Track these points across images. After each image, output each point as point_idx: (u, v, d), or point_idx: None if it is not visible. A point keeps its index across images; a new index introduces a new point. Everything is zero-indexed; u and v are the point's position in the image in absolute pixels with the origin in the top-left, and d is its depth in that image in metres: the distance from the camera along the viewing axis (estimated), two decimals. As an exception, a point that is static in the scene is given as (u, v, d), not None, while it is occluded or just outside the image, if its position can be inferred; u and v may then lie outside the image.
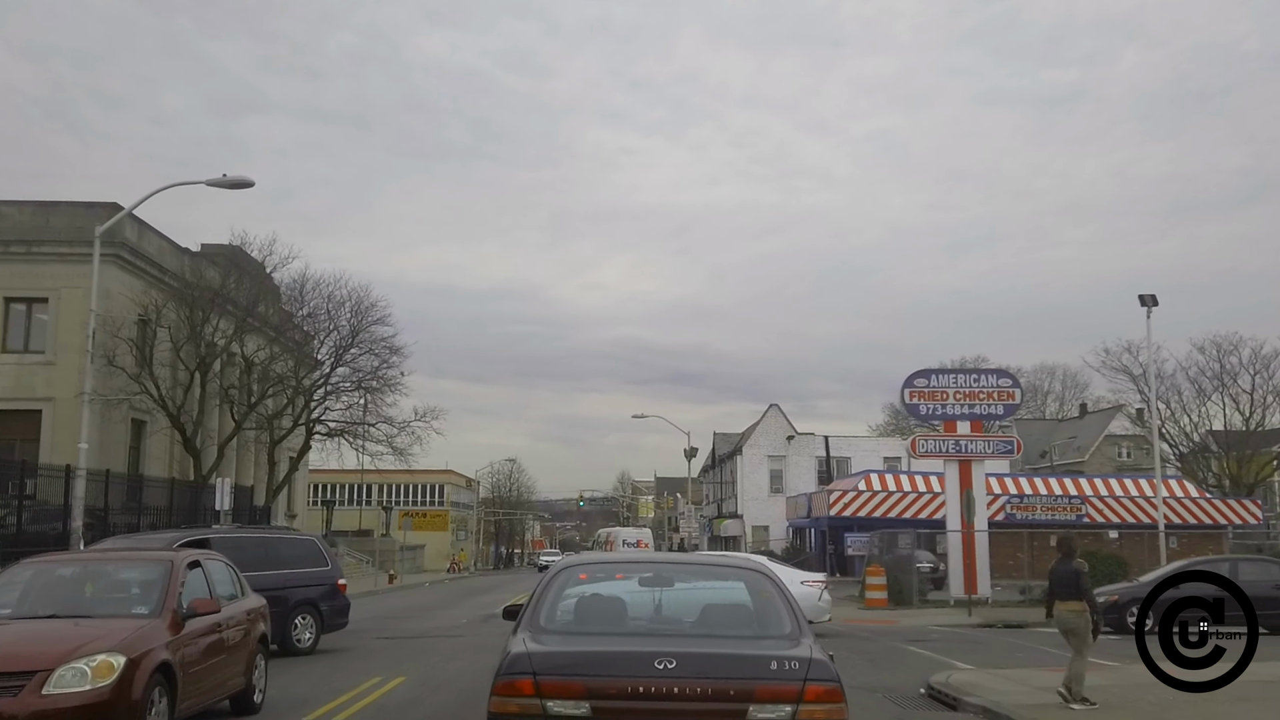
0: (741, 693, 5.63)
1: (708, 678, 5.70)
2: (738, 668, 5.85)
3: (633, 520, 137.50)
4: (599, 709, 5.63)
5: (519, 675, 5.79)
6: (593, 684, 5.70)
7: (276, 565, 16.64)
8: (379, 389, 52.60)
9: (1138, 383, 61.95)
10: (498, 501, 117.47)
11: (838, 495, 49.20)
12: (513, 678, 5.80)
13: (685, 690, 5.63)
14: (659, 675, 5.68)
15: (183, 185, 25.71)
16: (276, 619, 14.23)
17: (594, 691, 5.67)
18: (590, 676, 5.76)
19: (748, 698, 5.61)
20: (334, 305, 51.66)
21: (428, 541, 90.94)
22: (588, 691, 5.67)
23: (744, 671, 5.80)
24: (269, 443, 52.09)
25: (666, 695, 5.61)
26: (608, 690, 5.67)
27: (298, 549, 18.17)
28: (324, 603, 17.58)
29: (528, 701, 5.69)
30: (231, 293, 47.23)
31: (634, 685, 5.66)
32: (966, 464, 28.71)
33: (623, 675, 5.73)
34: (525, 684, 5.73)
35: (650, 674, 5.69)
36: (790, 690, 5.63)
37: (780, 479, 63.42)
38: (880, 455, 61.75)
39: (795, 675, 5.70)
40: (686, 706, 5.62)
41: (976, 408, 28.87)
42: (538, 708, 5.66)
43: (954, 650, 18.00)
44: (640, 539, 72.92)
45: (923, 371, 29.17)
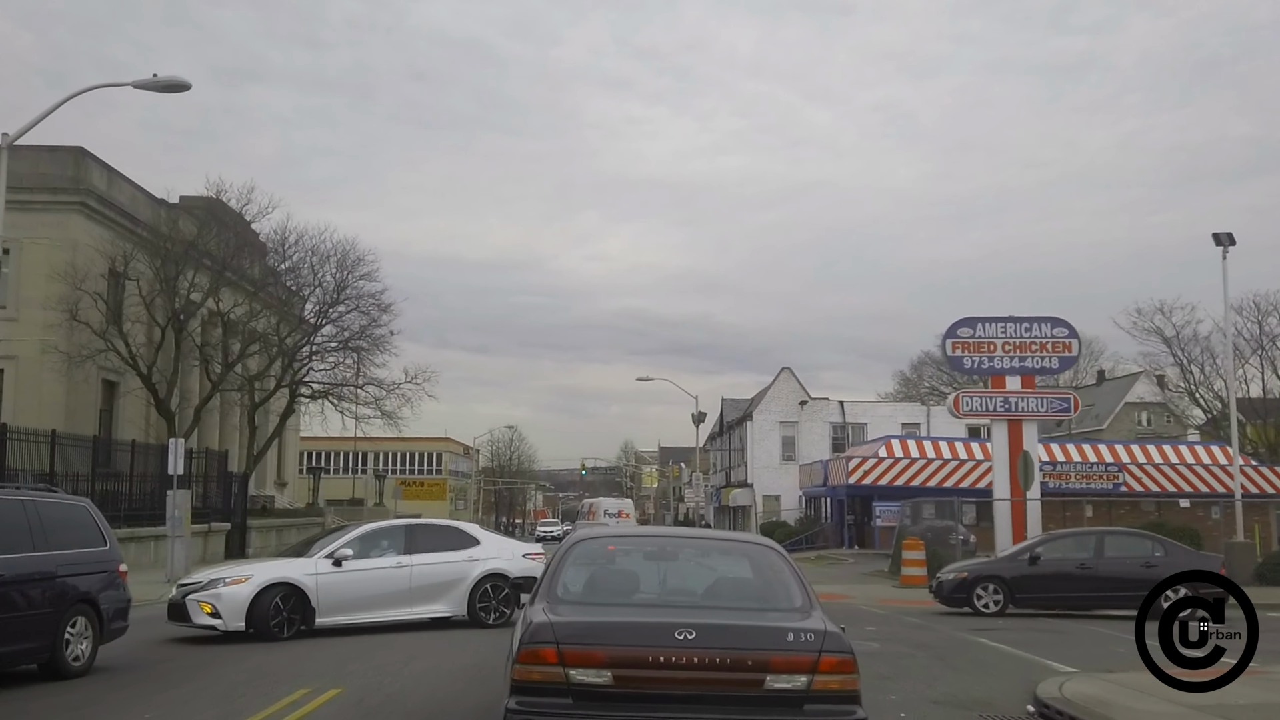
0: (759, 663, 5.78)
1: (726, 648, 5.82)
2: (755, 639, 5.96)
3: (636, 491, 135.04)
4: (621, 677, 5.75)
5: (543, 644, 5.85)
6: (614, 653, 5.81)
7: (32, 541, 11.08)
8: (367, 349, 49.39)
9: (1171, 345, 58.77)
10: (498, 471, 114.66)
11: (857, 463, 46.01)
12: (537, 646, 5.86)
13: (704, 660, 5.74)
14: (679, 645, 5.78)
15: (107, 87, 22.17)
16: (38, 624, 10.77)
17: (616, 660, 5.78)
18: (612, 646, 5.85)
19: (765, 668, 5.76)
20: (318, 259, 48.36)
21: (424, 511, 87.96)
22: (610, 660, 5.77)
23: (761, 643, 5.92)
24: (249, 405, 48.93)
25: (686, 665, 5.73)
26: (629, 659, 5.78)
27: (61, 517, 11.99)
28: (103, 599, 11.90)
29: (551, 669, 5.76)
30: (208, 245, 43.96)
31: (655, 654, 5.76)
32: (1016, 424, 25.41)
33: (644, 645, 5.84)
34: (549, 653, 5.81)
35: (670, 644, 5.79)
36: (806, 661, 5.78)
37: (792, 446, 60.18)
38: (898, 421, 58.57)
39: (811, 646, 5.84)
40: (705, 675, 5.74)
41: (1028, 360, 25.54)
42: (560, 676, 5.74)
43: (1035, 642, 14.79)
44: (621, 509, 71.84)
45: (967, 320, 25.84)
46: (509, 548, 16.93)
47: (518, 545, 17.53)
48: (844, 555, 42.50)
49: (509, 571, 15.72)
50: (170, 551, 25.75)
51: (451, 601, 15.45)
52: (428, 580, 15.31)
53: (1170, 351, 58.77)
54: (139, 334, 41.89)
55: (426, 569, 15.34)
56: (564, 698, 5.81)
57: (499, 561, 15.81)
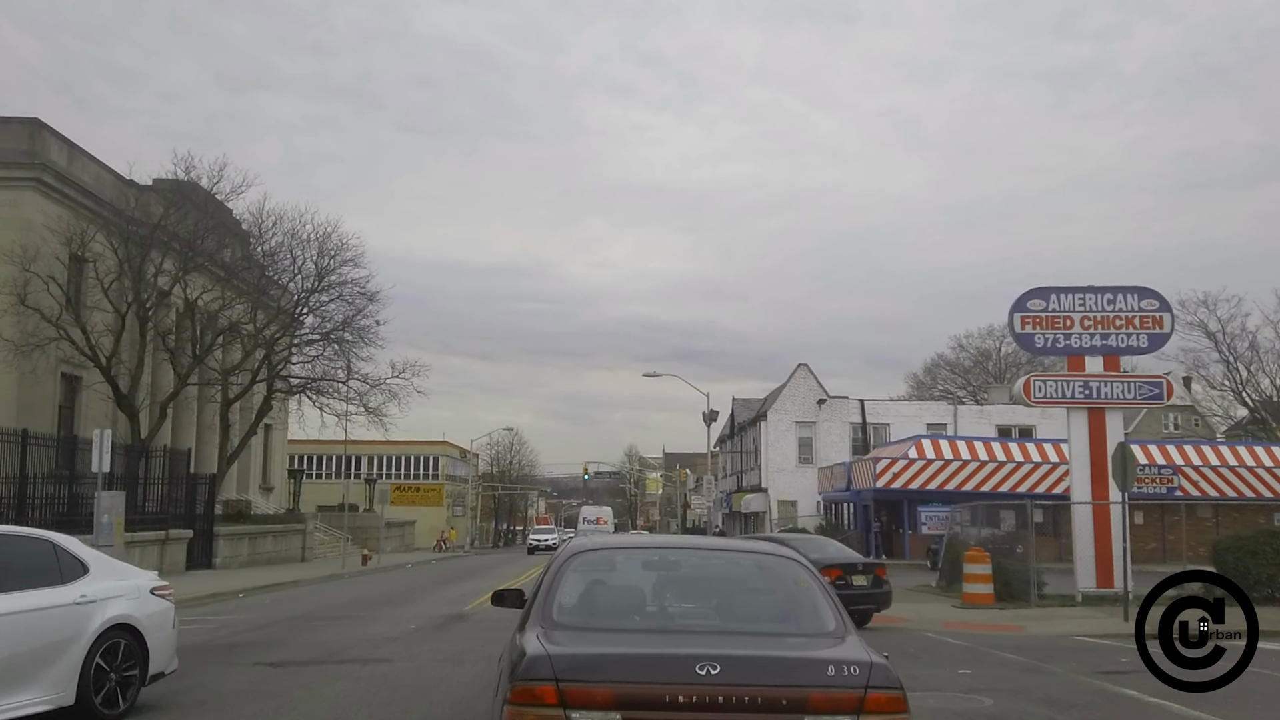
0: (795, 701, 4.77)
1: (756, 685, 4.82)
2: (790, 673, 4.96)
3: (640, 497, 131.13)
4: (631, 718, 4.73)
5: (539, 681, 4.83)
6: (624, 691, 4.80)
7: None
8: (352, 341, 45.44)
9: (1215, 340, 54.79)
10: (499, 476, 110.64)
11: (885, 464, 41.97)
12: (532, 684, 4.84)
13: (730, 699, 4.74)
14: (700, 682, 4.78)
15: None
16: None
17: (626, 700, 4.77)
18: (622, 683, 4.83)
19: (802, 707, 4.76)
20: (298, 243, 44.49)
21: (419, 517, 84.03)
22: (619, 700, 4.77)
23: (797, 678, 4.90)
24: (221, 402, 44.99)
25: (709, 706, 4.72)
26: (642, 699, 4.77)
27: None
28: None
29: (549, 712, 4.76)
30: (175, 226, 40.09)
31: (672, 693, 4.76)
32: (1099, 414, 21.39)
33: (659, 681, 4.83)
34: (547, 691, 4.80)
35: (691, 680, 4.79)
36: (851, 699, 4.78)
37: (809, 448, 56.12)
38: (922, 421, 54.50)
39: (856, 682, 4.83)
40: (732, 717, 4.74)
41: (1111, 339, 21.53)
42: (560, 717, 4.75)
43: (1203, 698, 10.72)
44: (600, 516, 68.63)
45: (1038, 290, 21.84)
46: (130, 579, 9.88)
47: (140, 575, 10.33)
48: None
49: (138, 621, 9.30)
50: (95, 564, 21.73)
51: (48, 683, 8.38)
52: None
53: (1215, 347, 54.87)
54: (101, 323, 38.10)
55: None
56: None
57: (124, 603, 9.25)
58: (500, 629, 16.02)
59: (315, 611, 20.72)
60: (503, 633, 8.66)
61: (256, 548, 42.00)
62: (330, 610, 21.10)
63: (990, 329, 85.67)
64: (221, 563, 37.85)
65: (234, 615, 19.84)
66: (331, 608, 21.83)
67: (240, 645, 14.49)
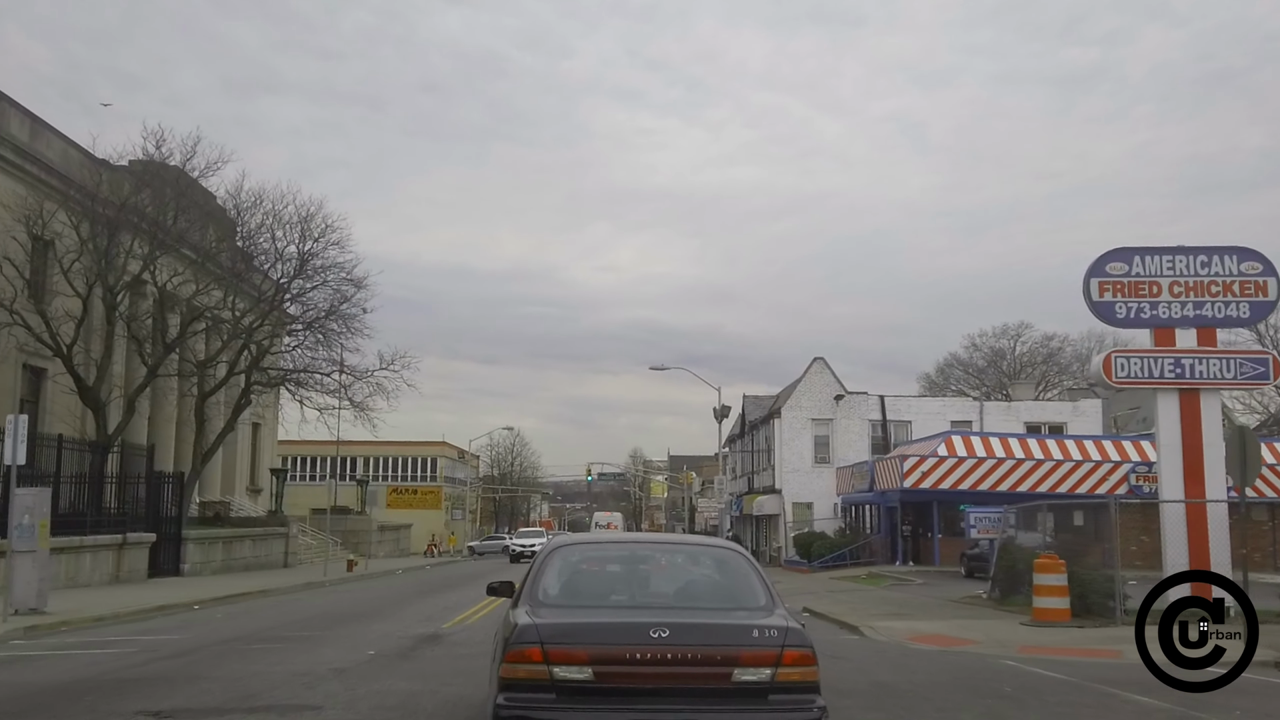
0: (727, 658, 6.05)
1: (697, 645, 6.08)
2: (723, 636, 6.23)
3: (645, 500, 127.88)
4: (600, 673, 5.96)
5: (528, 644, 6.05)
6: (595, 651, 6.02)
7: None
8: (339, 332, 42.24)
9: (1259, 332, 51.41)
10: (500, 478, 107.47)
11: (913, 462, 38.67)
12: (522, 646, 6.06)
13: (677, 656, 6.00)
14: (653, 643, 6.03)
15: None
16: None
17: (596, 658, 5.99)
18: (592, 645, 6.05)
19: (733, 662, 6.03)
20: (281, 225, 41.31)
21: (417, 520, 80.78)
22: (590, 658, 5.99)
23: (729, 639, 6.19)
24: (197, 396, 41.81)
25: (660, 661, 5.99)
26: (608, 657, 6.00)
27: None
28: None
29: (536, 668, 5.97)
30: (145, 205, 36.98)
31: (631, 652, 6.01)
32: (1192, 396, 18.10)
33: (621, 643, 6.06)
34: (534, 652, 6.00)
35: (646, 642, 6.04)
36: (770, 655, 6.06)
37: (826, 447, 52.78)
38: (946, 418, 51.16)
39: (774, 642, 6.13)
40: (678, 670, 5.99)
41: (1205, 307, 18.26)
42: (545, 673, 5.96)
43: None
44: (611, 522, 69.03)
45: (1120, 251, 18.57)
46: None
47: None
48: (903, 573, 35.14)
49: None
50: (9, 573, 18.50)
51: None
52: None
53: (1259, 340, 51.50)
54: (63, 309, 35.01)
55: None
56: (548, 693, 5.99)
57: None
58: (475, 657, 12.80)
59: (266, 630, 17.50)
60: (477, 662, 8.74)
61: (232, 553, 38.81)
62: (285, 628, 17.89)
63: (1004, 328, 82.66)
64: (191, 569, 34.68)
65: (168, 635, 16.64)
66: (288, 625, 18.62)
67: (137, 681, 11.27)
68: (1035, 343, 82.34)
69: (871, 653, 14.77)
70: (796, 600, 26.03)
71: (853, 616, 20.08)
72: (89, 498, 30.52)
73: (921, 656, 14.41)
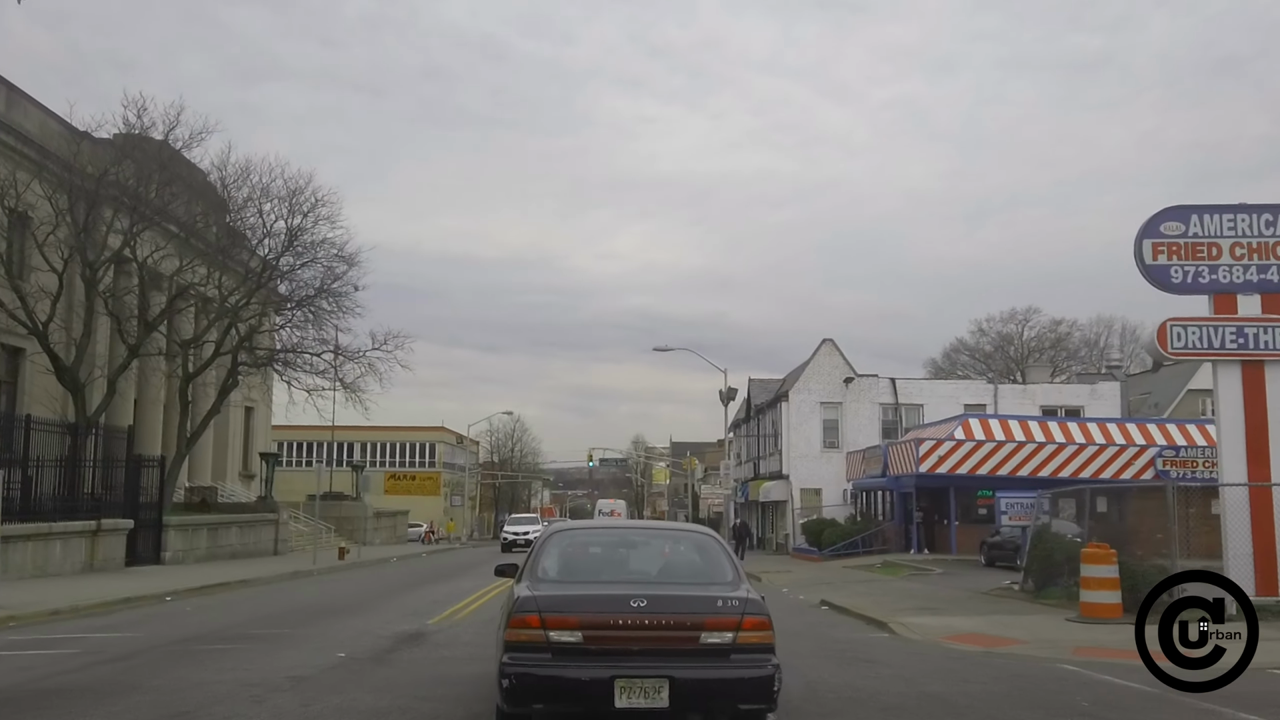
0: (695, 624, 7.09)
1: (670, 613, 7.11)
2: (692, 606, 7.26)
3: (647, 487, 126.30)
4: (589, 636, 6.97)
5: (528, 613, 7.10)
6: (584, 618, 7.03)
7: None
8: (329, 311, 40.48)
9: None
10: (500, 464, 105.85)
11: (930, 446, 36.93)
12: (523, 614, 7.10)
13: (653, 622, 7.00)
14: (633, 611, 7.03)
15: None
16: None
17: (585, 624, 7.00)
18: (582, 613, 7.08)
19: (700, 627, 7.08)
20: (269, 199, 39.48)
21: (415, 507, 79.18)
22: (581, 624, 7.00)
23: (697, 608, 7.22)
24: (182, 377, 40.11)
25: (639, 626, 6.97)
26: (595, 623, 7.01)
27: None
28: None
29: (535, 633, 6.99)
30: (126, 178, 35.24)
31: (615, 619, 7.01)
32: (1256, 368, 16.38)
33: (607, 611, 7.08)
34: (533, 619, 7.04)
35: (627, 610, 7.04)
36: (732, 621, 7.13)
37: (835, 431, 51.05)
38: (959, 401, 49.48)
39: (736, 610, 7.19)
40: (654, 634, 6.98)
41: (1271, 271, 16.53)
42: (542, 637, 6.96)
43: None
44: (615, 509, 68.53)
45: (1175, 210, 16.80)
46: None
47: None
48: (919, 562, 33.46)
49: None
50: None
51: None
52: None
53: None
54: (39, 285, 33.35)
55: None
56: (545, 653, 6.97)
57: None
58: (462, 663, 11.15)
59: (233, 627, 15.83)
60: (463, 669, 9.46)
61: (218, 540, 37.14)
62: (255, 624, 16.22)
63: (1012, 312, 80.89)
64: (172, 557, 33.01)
65: (123, 633, 14.98)
66: (260, 620, 16.94)
67: (60, 693, 9.59)
68: (1044, 327, 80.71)
69: (909, 656, 13.08)
70: (812, 592, 24.34)
71: (878, 611, 18.40)
72: (62, 482, 28.84)
73: (966, 660, 12.72)
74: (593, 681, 6.84)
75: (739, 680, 7.01)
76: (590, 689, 6.84)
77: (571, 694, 6.91)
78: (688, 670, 6.90)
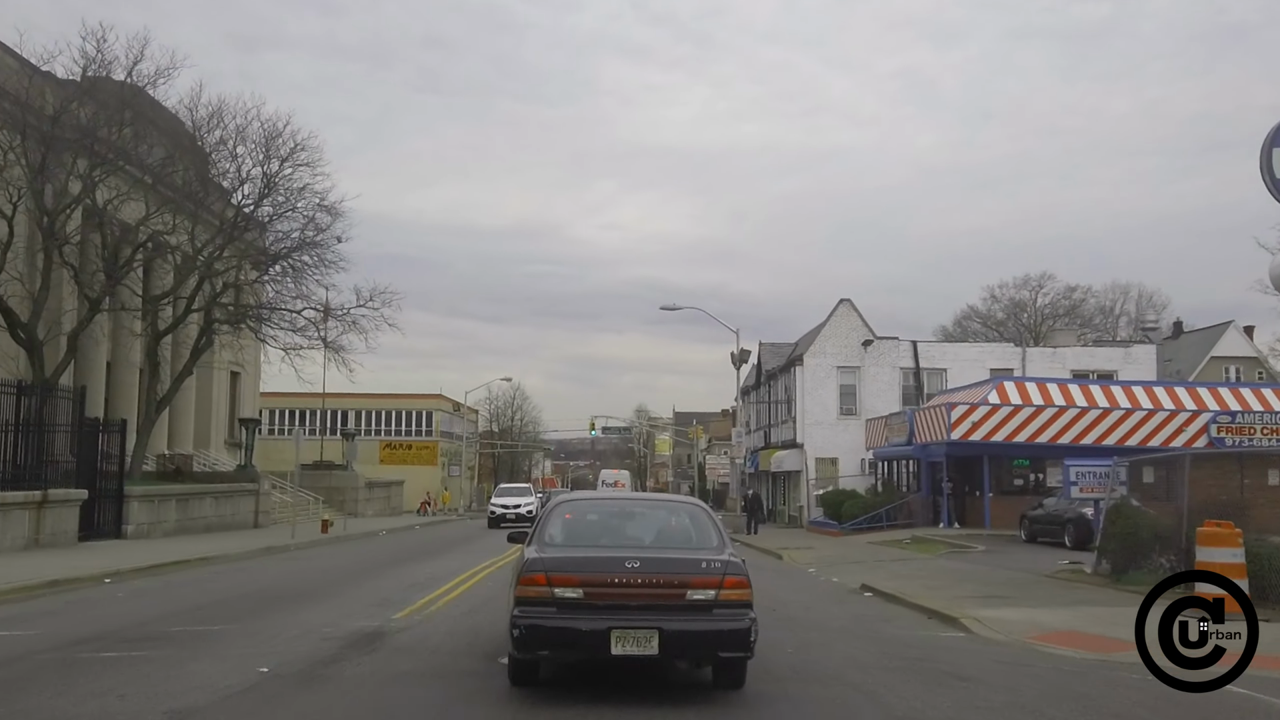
0: (682, 582, 8.03)
1: (660, 573, 8.06)
2: (679, 567, 8.22)
3: (650, 458, 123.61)
4: (588, 592, 7.94)
5: (536, 572, 8.09)
6: (584, 577, 8.02)
7: None
8: (310, 265, 37.38)
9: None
10: (500, 434, 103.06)
11: (963, 411, 33.94)
12: (532, 573, 8.09)
13: (645, 580, 7.98)
14: (627, 571, 8.02)
15: None
16: None
17: (585, 582, 7.99)
18: (583, 572, 8.07)
19: (686, 585, 8.02)
20: (242, 142, 36.33)
21: (411, 477, 76.34)
22: (581, 582, 7.99)
23: (684, 569, 8.17)
24: (150, 336, 37.10)
25: (632, 584, 7.96)
26: (594, 581, 7.99)
27: None
28: None
29: (541, 589, 7.98)
30: (85, 119, 32.12)
31: (611, 577, 7.99)
32: None
33: (604, 571, 8.06)
34: (540, 578, 8.02)
35: (622, 570, 8.03)
36: (714, 580, 8.06)
37: (853, 397, 48.01)
38: (985, 366, 46.43)
39: (718, 571, 8.13)
40: (645, 591, 7.95)
41: None
42: (548, 593, 7.95)
43: None
44: (618, 480, 66.87)
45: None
46: None
47: None
48: (952, 537, 30.57)
49: None
50: None
51: None
52: None
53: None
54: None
55: None
56: (550, 607, 7.94)
57: None
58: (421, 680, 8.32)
59: (151, 622, 12.88)
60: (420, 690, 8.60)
61: (189, 512, 34.24)
62: (181, 618, 13.28)
63: (1025, 278, 77.90)
64: (136, 531, 30.14)
65: (13, 630, 12.10)
66: (190, 612, 14.01)
67: None
68: (1058, 294, 77.93)
69: (1007, 668, 10.12)
70: (843, 573, 21.37)
71: (935, 600, 15.46)
72: (12, 447, 25.93)
73: (1084, 674, 9.77)
74: (592, 632, 7.79)
75: (720, 632, 7.96)
76: (589, 638, 7.81)
77: (573, 642, 7.89)
78: (675, 623, 7.86)
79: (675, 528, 9.31)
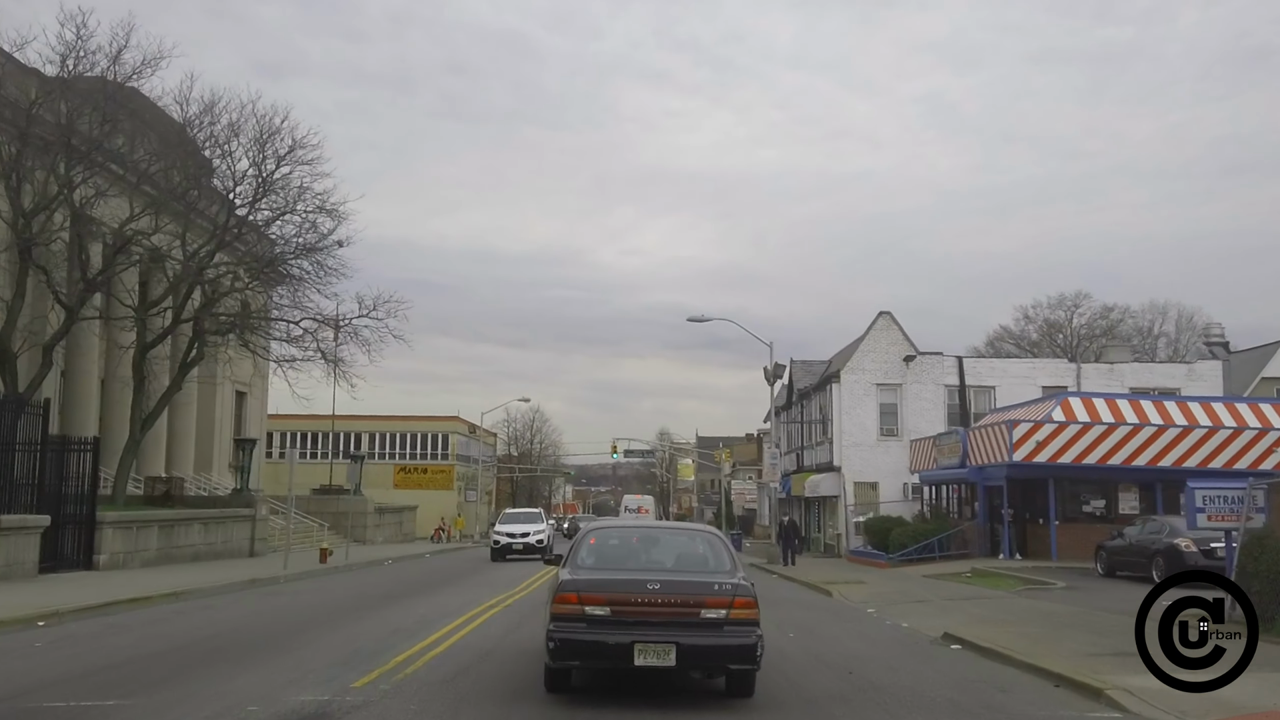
0: (697, 602, 9.15)
1: (677, 593, 9.20)
2: (695, 589, 9.36)
3: (673, 483, 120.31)
4: (615, 610, 9.07)
5: (569, 591, 9.25)
6: (611, 596, 9.15)
7: None
8: (308, 273, 34.52)
9: None
10: (519, 457, 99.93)
11: (1026, 430, 30.58)
12: (565, 593, 9.25)
13: (664, 600, 9.10)
14: (649, 592, 9.15)
15: None
16: None
17: (611, 600, 9.11)
18: (610, 592, 9.19)
19: (700, 605, 9.14)
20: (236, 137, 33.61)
21: (427, 501, 73.34)
22: (608, 601, 9.11)
23: (699, 590, 9.32)
24: (137, 348, 34.26)
25: (653, 603, 9.07)
26: (620, 600, 9.10)
27: None
28: None
29: (573, 607, 9.14)
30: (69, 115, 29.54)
31: (635, 597, 9.11)
32: None
33: (628, 591, 9.17)
34: (572, 597, 9.19)
35: (644, 591, 9.15)
36: (725, 601, 9.19)
37: (894, 416, 44.66)
38: (1036, 383, 43.07)
39: (728, 593, 9.28)
40: (665, 609, 9.05)
41: None
42: (579, 610, 9.10)
43: None
44: (641, 505, 64.90)
45: None
46: None
47: None
48: (1019, 570, 27.13)
49: None
50: None
51: None
52: None
53: None
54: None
55: None
56: (581, 623, 9.12)
57: None
58: None
59: (34, 691, 9.78)
60: None
61: (174, 540, 31.26)
62: (73, 684, 10.21)
63: (1060, 297, 74.72)
64: (109, 561, 27.18)
65: None
66: (97, 675, 10.91)
67: None
68: (1094, 314, 74.72)
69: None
70: (915, 616, 17.98)
71: (1055, 659, 12.18)
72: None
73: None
74: (617, 645, 8.98)
75: (730, 646, 9.16)
76: (615, 650, 8.99)
77: (601, 654, 9.08)
78: (690, 638, 9.04)
79: (692, 553, 10.68)
